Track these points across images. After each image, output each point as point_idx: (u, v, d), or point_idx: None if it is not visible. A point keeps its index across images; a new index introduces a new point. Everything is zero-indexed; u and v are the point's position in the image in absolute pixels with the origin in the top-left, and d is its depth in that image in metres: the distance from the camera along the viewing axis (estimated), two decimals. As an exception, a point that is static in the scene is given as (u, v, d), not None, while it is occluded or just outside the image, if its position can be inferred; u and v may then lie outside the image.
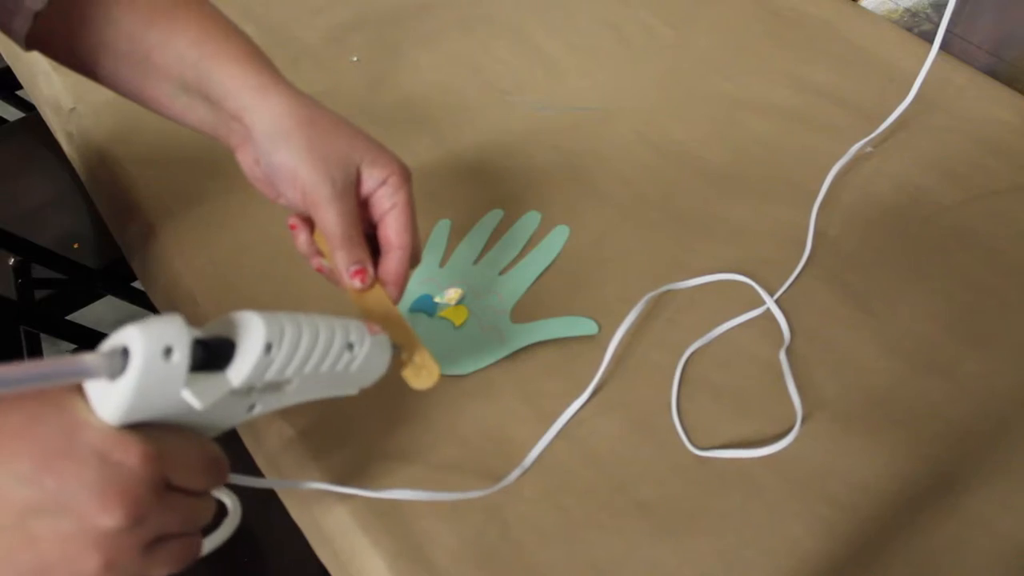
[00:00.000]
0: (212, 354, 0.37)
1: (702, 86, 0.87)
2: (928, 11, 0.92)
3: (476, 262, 0.68)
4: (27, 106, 1.41)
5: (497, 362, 0.61)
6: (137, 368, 0.33)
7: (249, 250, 0.68)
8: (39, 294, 1.08)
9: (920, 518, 0.55)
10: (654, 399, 0.60)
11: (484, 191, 0.74)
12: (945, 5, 0.84)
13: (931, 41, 0.83)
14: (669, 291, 0.67)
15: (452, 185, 0.75)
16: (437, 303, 0.65)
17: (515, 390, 0.60)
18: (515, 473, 0.56)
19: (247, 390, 0.39)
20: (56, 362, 0.31)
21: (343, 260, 0.49)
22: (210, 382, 0.37)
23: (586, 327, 0.64)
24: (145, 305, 1.19)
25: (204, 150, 0.65)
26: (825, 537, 0.54)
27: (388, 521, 0.53)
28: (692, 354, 0.63)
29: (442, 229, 0.70)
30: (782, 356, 0.63)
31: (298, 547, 0.60)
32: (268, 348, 0.38)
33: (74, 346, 1.03)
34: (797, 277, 0.69)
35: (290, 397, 0.41)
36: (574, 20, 0.95)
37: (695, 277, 0.68)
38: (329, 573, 0.57)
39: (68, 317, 1.10)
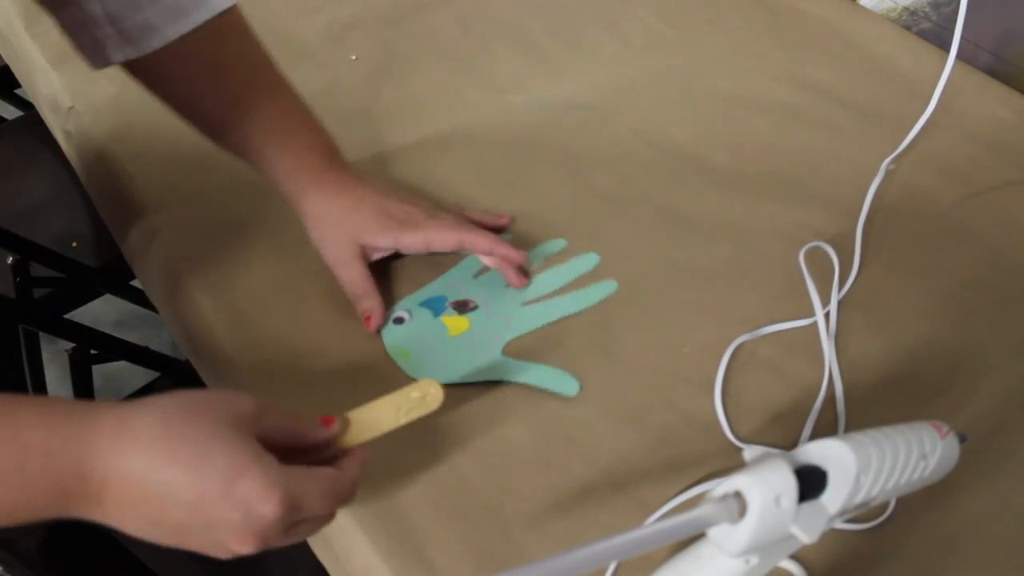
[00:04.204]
0: (805, 484, 0.39)
1: (701, 85, 0.87)
2: (927, 10, 0.92)
3: (507, 285, 0.66)
4: (26, 104, 1.41)
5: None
6: (754, 517, 0.37)
7: (249, 247, 0.68)
8: (38, 292, 1.08)
9: (920, 518, 0.55)
10: (652, 396, 0.60)
11: (483, 190, 0.74)
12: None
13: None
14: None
15: (451, 183, 0.74)
16: (447, 307, 0.64)
17: (515, 388, 0.60)
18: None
19: (837, 515, 0.41)
20: (686, 517, 0.37)
21: (356, 310, 0.63)
22: (811, 514, 0.40)
23: (567, 385, 0.60)
24: (144, 304, 1.18)
25: (203, 149, 0.65)
26: (825, 536, 0.54)
27: (387, 520, 0.53)
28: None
29: None
30: (830, 358, 0.63)
31: (297, 546, 0.60)
32: (858, 476, 0.40)
33: (72, 344, 1.03)
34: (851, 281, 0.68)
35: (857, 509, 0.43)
36: (573, 19, 0.95)
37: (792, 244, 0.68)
38: (328, 572, 0.57)
39: (67, 315, 1.10)
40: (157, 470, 0.39)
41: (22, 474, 0.38)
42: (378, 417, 0.49)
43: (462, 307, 0.65)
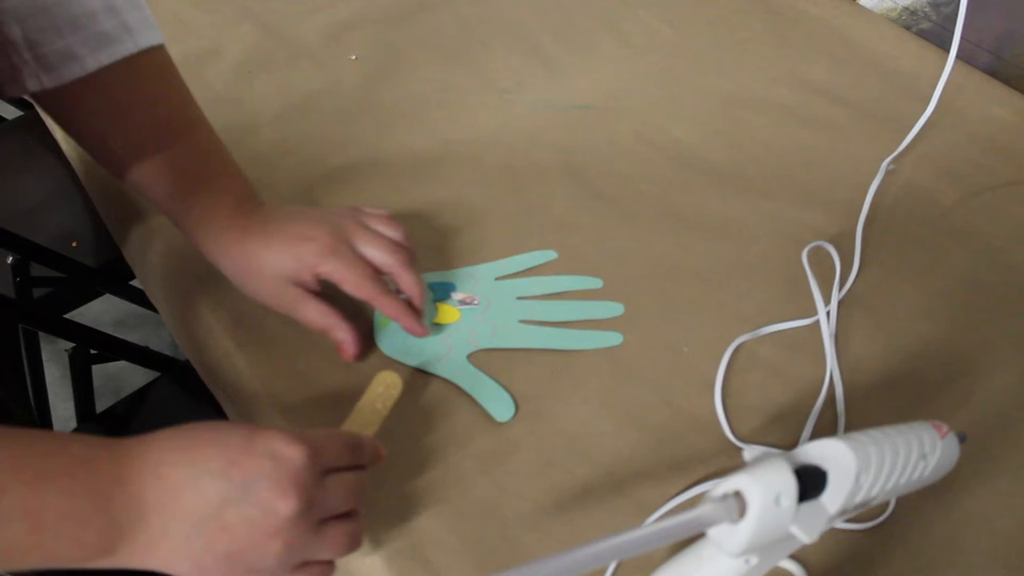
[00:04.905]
0: (805, 484, 0.39)
1: (701, 84, 0.87)
2: (927, 9, 0.92)
3: (518, 296, 0.66)
4: (25, 104, 1.41)
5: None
6: (754, 516, 0.37)
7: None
8: (37, 292, 1.08)
9: (920, 518, 0.55)
10: (652, 396, 0.60)
11: (482, 190, 0.74)
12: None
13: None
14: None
15: (450, 184, 0.74)
16: (452, 296, 0.65)
17: (514, 388, 0.60)
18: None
19: (837, 515, 0.41)
20: (686, 516, 0.37)
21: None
22: (811, 513, 0.40)
23: (502, 408, 0.59)
24: (144, 304, 1.18)
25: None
26: (824, 536, 0.54)
27: (387, 519, 0.53)
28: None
29: (549, 255, 0.69)
30: (830, 357, 0.63)
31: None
32: (858, 476, 0.40)
33: (72, 344, 1.03)
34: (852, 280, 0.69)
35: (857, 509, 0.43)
36: (573, 18, 0.95)
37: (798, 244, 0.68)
38: (328, 572, 0.57)
39: (66, 315, 1.10)
40: (182, 450, 0.42)
41: (71, 479, 0.39)
42: (364, 420, 0.53)
43: (463, 301, 0.65)
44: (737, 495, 0.38)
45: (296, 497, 0.41)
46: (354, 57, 0.87)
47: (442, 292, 0.65)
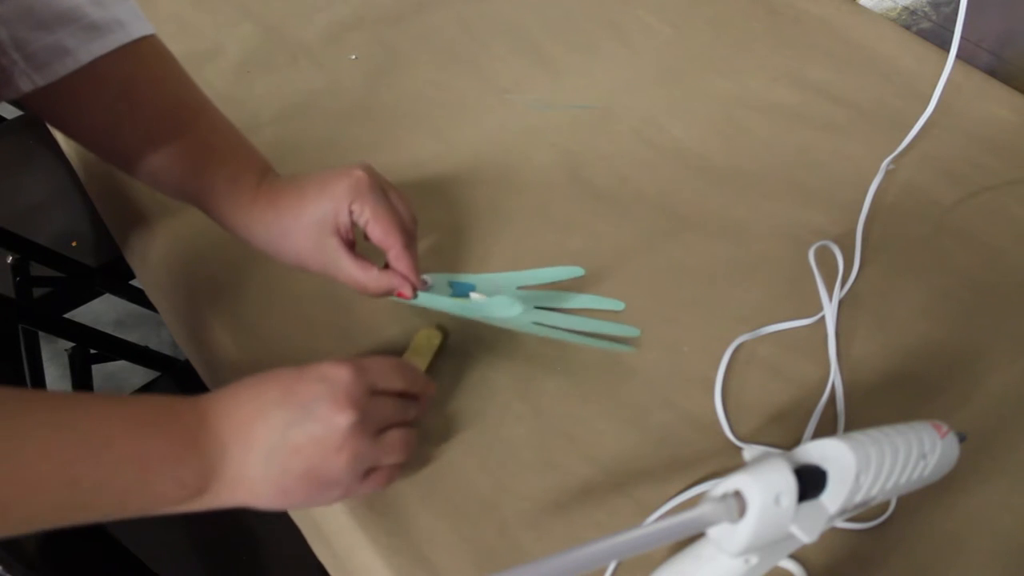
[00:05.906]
0: (805, 484, 0.39)
1: (700, 84, 0.87)
2: (926, 9, 0.92)
3: (536, 306, 0.65)
4: (26, 104, 1.41)
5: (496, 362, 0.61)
6: (754, 516, 0.38)
7: (249, 247, 0.68)
8: (37, 292, 1.08)
9: (920, 518, 0.55)
10: (652, 396, 0.60)
11: (482, 190, 0.74)
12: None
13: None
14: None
15: (450, 183, 0.75)
16: (471, 295, 0.64)
17: (514, 388, 0.60)
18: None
19: (837, 515, 0.41)
20: (686, 516, 0.37)
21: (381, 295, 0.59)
22: (811, 513, 0.40)
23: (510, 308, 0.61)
24: (144, 304, 1.18)
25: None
26: (824, 536, 0.54)
27: (386, 519, 0.53)
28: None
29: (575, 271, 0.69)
30: (832, 356, 0.63)
31: (297, 546, 0.60)
32: (858, 476, 0.40)
33: (72, 344, 1.03)
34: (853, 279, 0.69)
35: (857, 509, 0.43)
36: (573, 18, 0.95)
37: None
38: (328, 572, 0.57)
39: (66, 315, 1.10)
40: (244, 391, 0.47)
41: (163, 425, 0.44)
42: (415, 361, 0.59)
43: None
44: (737, 495, 0.38)
45: (351, 408, 0.45)
46: (354, 57, 0.87)
47: (461, 291, 0.64)
